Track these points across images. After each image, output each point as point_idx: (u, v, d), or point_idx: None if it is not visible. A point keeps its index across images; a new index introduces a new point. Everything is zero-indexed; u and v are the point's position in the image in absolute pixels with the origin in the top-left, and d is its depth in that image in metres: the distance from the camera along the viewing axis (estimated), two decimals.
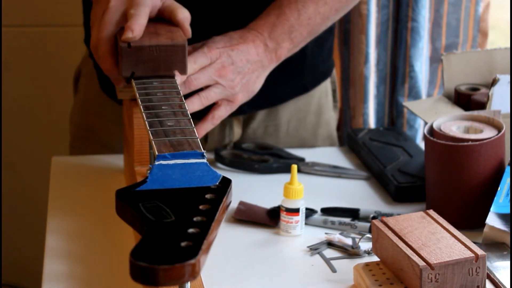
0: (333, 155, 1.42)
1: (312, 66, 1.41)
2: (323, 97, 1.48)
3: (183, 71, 1.09)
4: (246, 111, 1.39)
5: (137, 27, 1.07)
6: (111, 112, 1.40)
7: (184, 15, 1.12)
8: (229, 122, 1.41)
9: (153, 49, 1.08)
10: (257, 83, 1.22)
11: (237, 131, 1.42)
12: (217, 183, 0.86)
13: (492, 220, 1.08)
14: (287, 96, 1.42)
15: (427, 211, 1.02)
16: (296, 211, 1.14)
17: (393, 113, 1.86)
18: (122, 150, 1.39)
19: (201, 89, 1.18)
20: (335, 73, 1.54)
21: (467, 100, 1.30)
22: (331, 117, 1.51)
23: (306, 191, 1.16)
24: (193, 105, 1.16)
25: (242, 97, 1.21)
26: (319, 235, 1.14)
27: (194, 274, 0.72)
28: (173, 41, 1.09)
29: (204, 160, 0.89)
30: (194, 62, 1.15)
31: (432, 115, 1.27)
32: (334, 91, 1.53)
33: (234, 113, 1.38)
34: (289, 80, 1.39)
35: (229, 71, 1.17)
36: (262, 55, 1.20)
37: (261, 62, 1.21)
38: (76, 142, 1.48)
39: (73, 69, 1.51)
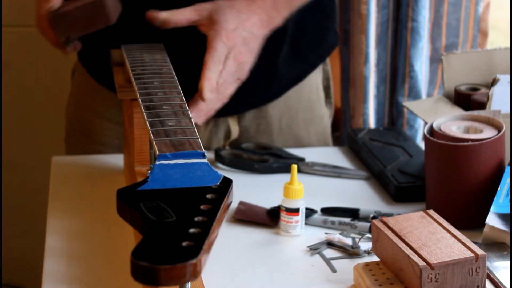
0: (333, 155, 1.43)
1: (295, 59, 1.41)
2: (313, 92, 1.48)
3: (108, 22, 1.19)
4: (242, 110, 1.40)
5: None
6: (104, 107, 1.42)
7: None
8: (224, 122, 1.41)
9: (74, 11, 1.19)
10: (255, 55, 1.22)
11: (234, 129, 1.43)
12: (218, 183, 0.86)
13: (492, 220, 1.08)
14: (281, 90, 1.42)
15: (427, 211, 1.02)
16: (296, 211, 1.14)
17: (393, 113, 1.86)
18: (115, 146, 1.41)
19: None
20: (330, 69, 1.54)
21: (467, 100, 1.30)
22: (324, 113, 1.51)
23: (306, 191, 1.16)
24: (214, 105, 1.17)
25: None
26: (319, 235, 1.14)
27: (195, 274, 0.72)
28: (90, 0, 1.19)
29: (205, 160, 0.89)
30: (218, 62, 1.14)
31: (432, 115, 1.27)
32: (327, 87, 1.53)
33: (230, 113, 1.38)
34: (275, 78, 1.39)
35: (245, 55, 1.17)
36: (265, 28, 1.20)
37: (263, 36, 1.21)
38: (70, 137, 1.50)
39: None
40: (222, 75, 1.14)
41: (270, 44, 1.32)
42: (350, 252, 1.09)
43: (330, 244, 1.12)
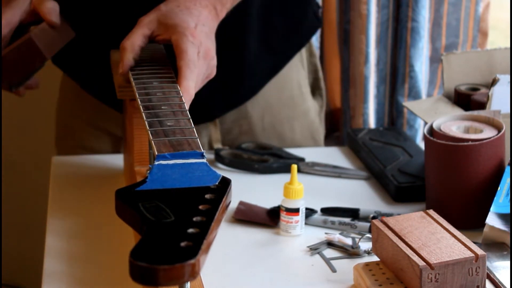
0: (333, 155, 1.42)
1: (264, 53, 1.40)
2: (294, 88, 1.47)
3: (43, 58, 1.20)
4: (221, 113, 1.41)
5: None
6: (89, 114, 1.43)
7: (48, 6, 1.21)
8: (205, 128, 1.41)
9: (7, 56, 1.19)
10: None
11: (215, 135, 1.42)
12: (217, 183, 0.86)
13: (492, 220, 1.08)
14: (256, 86, 1.42)
15: (427, 211, 1.02)
16: (296, 211, 1.14)
17: (393, 113, 1.86)
18: (102, 151, 1.41)
19: None
20: (318, 61, 1.53)
21: (467, 100, 1.30)
22: (310, 107, 1.50)
23: (306, 191, 1.16)
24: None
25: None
26: (319, 235, 1.14)
27: (194, 274, 0.72)
28: (21, 40, 1.19)
29: (204, 160, 0.89)
30: (193, 66, 1.08)
31: (432, 115, 1.27)
32: (316, 79, 1.52)
33: (209, 118, 1.39)
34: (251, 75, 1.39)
35: (212, 50, 1.13)
36: (215, 21, 1.17)
37: (215, 28, 1.18)
38: (59, 142, 1.50)
39: None
40: (198, 81, 1.10)
41: (232, 40, 1.31)
42: (350, 252, 1.09)
43: (330, 244, 1.11)
